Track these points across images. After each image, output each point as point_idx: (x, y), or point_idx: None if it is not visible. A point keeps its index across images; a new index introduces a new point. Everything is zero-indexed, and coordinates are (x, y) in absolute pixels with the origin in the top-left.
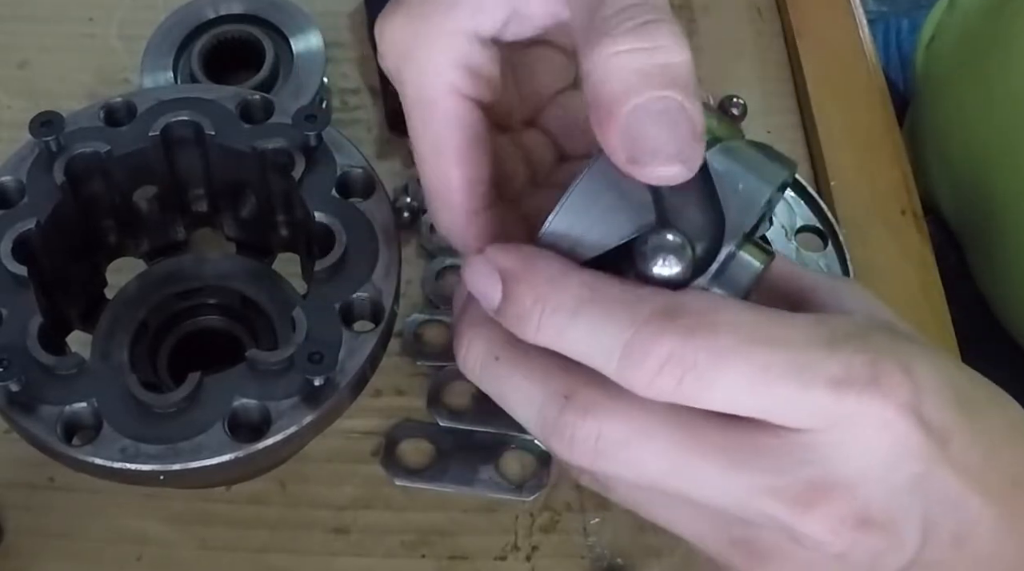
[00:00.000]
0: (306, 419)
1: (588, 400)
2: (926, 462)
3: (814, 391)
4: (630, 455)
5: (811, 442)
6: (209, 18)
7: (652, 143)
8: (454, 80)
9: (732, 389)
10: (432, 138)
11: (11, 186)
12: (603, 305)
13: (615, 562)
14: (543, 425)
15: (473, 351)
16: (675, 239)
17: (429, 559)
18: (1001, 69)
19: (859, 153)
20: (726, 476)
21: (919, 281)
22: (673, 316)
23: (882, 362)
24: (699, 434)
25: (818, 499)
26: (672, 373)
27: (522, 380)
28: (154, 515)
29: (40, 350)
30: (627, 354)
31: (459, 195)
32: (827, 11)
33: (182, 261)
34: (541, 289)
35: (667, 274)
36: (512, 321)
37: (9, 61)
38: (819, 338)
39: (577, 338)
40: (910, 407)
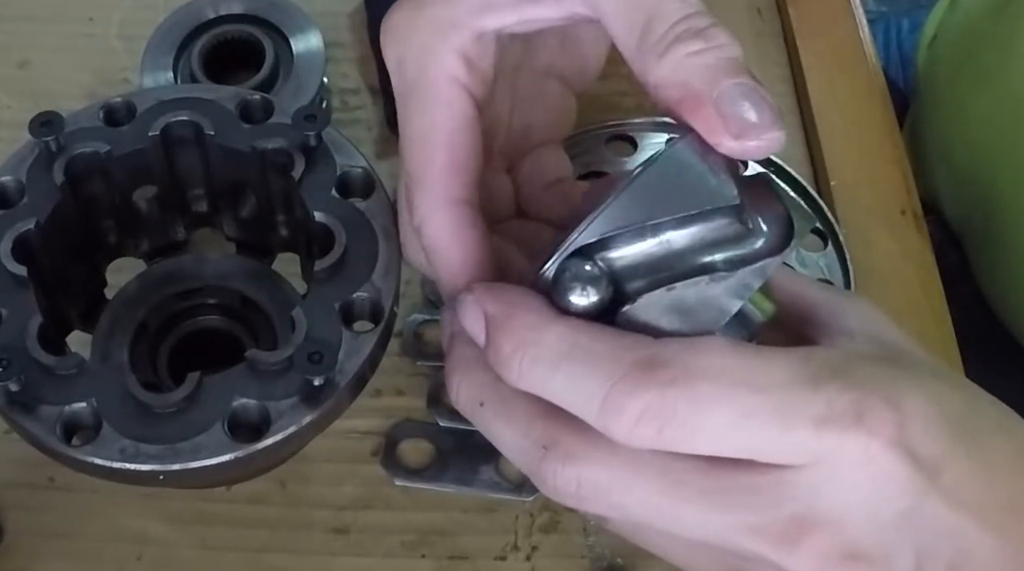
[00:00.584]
0: (306, 419)
1: (567, 449)
2: (915, 495)
3: (796, 431)
4: (612, 500)
5: (794, 479)
6: (209, 18)
7: (750, 117)
8: (453, 67)
9: (714, 435)
10: (423, 121)
11: (11, 186)
12: (581, 358)
13: (615, 562)
14: (528, 469)
15: (461, 395)
16: (592, 270)
17: (429, 559)
18: (1002, 68)
19: (859, 153)
20: (709, 517)
21: (919, 281)
22: (651, 368)
23: (868, 399)
24: (679, 479)
25: (802, 536)
26: (651, 424)
27: (504, 427)
28: (154, 515)
29: (40, 350)
30: (606, 407)
31: (441, 178)
32: (827, 11)
33: (182, 261)
34: (520, 338)
35: (583, 304)
36: (495, 365)
37: (9, 61)
38: (802, 376)
39: (557, 389)
40: (896, 442)
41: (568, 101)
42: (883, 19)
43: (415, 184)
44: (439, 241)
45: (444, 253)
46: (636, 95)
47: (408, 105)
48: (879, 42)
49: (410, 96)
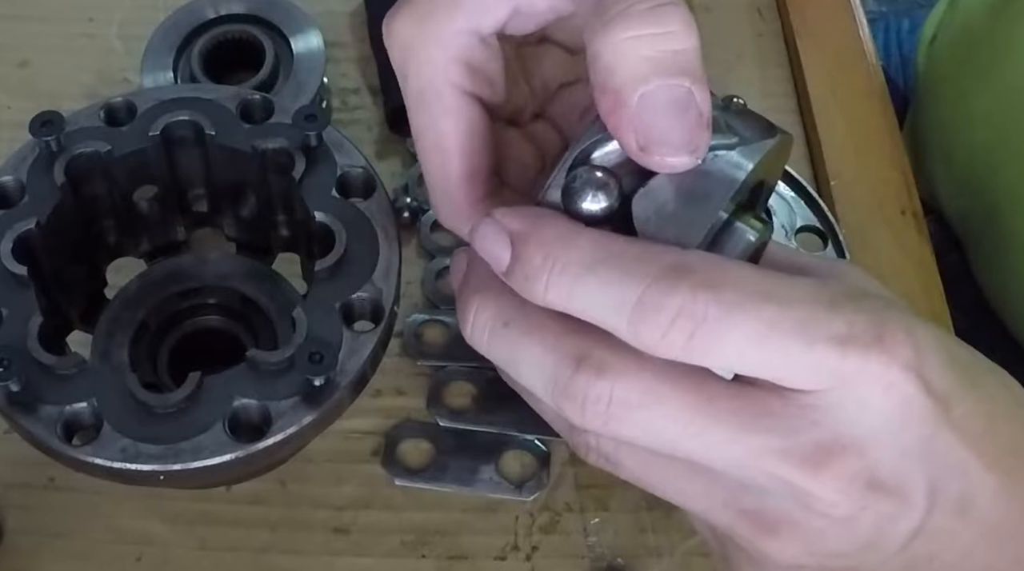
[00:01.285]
0: (306, 419)
1: (600, 361)
2: (931, 425)
3: (819, 347)
4: (642, 417)
5: (819, 403)
6: (209, 18)
7: (662, 133)
8: (454, 76)
9: (740, 345)
10: (434, 132)
11: (11, 186)
12: (613, 262)
13: (615, 562)
14: (555, 389)
15: (481, 317)
16: (603, 176)
17: (429, 559)
18: (1002, 68)
19: (859, 153)
20: (736, 438)
21: (919, 281)
22: (682, 272)
23: (885, 322)
24: (710, 396)
25: (827, 460)
26: (683, 328)
27: (533, 344)
28: (154, 515)
29: (40, 350)
30: (638, 310)
31: (460, 187)
32: (827, 11)
33: (182, 261)
34: (550, 247)
35: (595, 209)
36: (521, 282)
37: (9, 61)
38: (821, 298)
39: (587, 296)
40: (914, 368)
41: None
42: (883, 19)
43: (436, 195)
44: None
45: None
46: None
47: (417, 115)
48: (879, 42)
49: (418, 107)
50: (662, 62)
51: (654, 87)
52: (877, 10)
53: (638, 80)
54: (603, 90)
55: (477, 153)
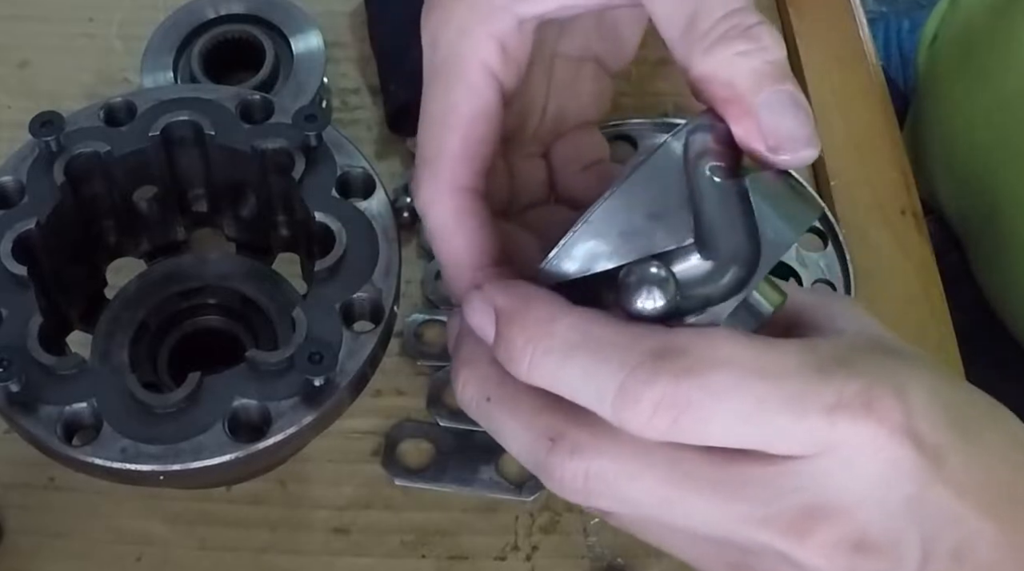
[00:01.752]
0: (306, 419)
1: (574, 442)
2: (921, 482)
3: (808, 420)
4: (620, 493)
5: (803, 469)
6: (209, 18)
7: (788, 131)
8: (487, 53)
9: (728, 424)
10: (444, 102)
11: (11, 186)
12: (594, 349)
13: (615, 562)
14: (534, 464)
15: (468, 391)
16: (659, 272)
17: (429, 559)
18: (1003, 68)
19: (859, 153)
20: (718, 509)
21: (919, 281)
22: (665, 357)
23: (874, 387)
24: (689, 469)
25: (812, 526)
26: (667, 414)
27: (511, 421)
28: (154, 515)
29: (40, 350)
30: (621, 397)
31: (450, 164)
32: (827, 11)
33: (182, 261)
34: (531, 331)
35: (651, 308)
36: (505, 360)
37: (9, 61)
38: (812, 365)
39: (569, 381)
40: (903, 429)
41: (604, 83)
42: (883, 19)
43: (424, 166)
44: (442, 227)
45: (447, 239)
46: (636, 95)
47: (433, 83)
48: (879, 42)
49: (437, 75)
50: (768, 72)
51: (770, 93)
52: (877, 10)
53: (755, 88)
54: (728, 102)
55: (478, 136)
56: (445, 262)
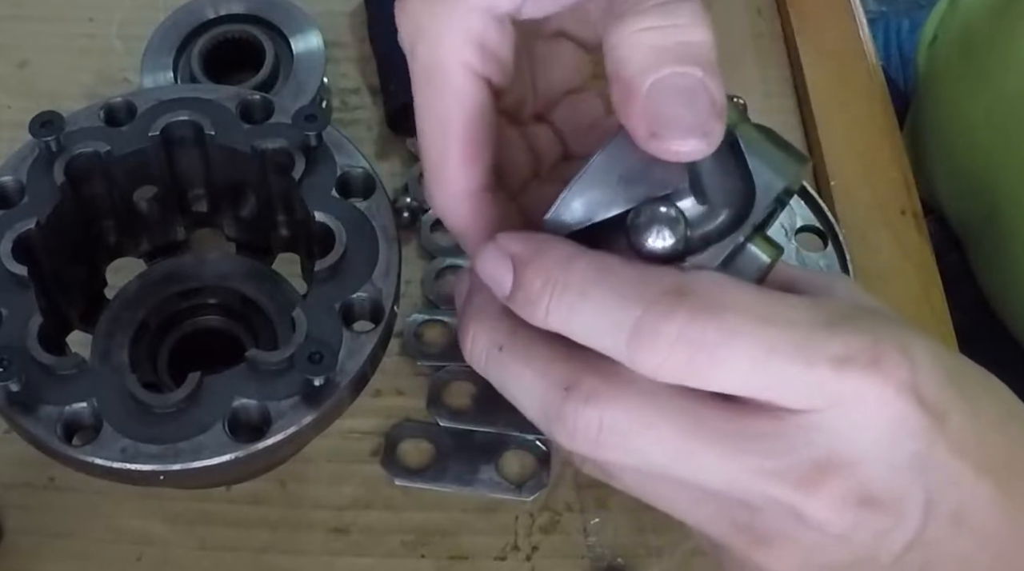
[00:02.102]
0: (306, 419)
1: (589, 389)
2: (925, 440)
3: (817, 369)
4: (632, 443)
5: (812, 423)
6: (209, 18)
7: (671, 118)
8: (466, 56)
9: (740, 367)
10: (437, 112)
11: (11, 186)
12: (612, 285)
13: (615, 562)
14: (545, 414)
15: (478, 342)
16: (668, 211)
17: (429, 559)
18: (1002, 68)
19: (859, 153)
20: (729, 461)
21: (919, 281)
22: (682, 295)
23: (881, 343)
24: (701, 420)
25: (821, 479)
26: (683, 351)
27: (524, 370)
28: (154, 515)
29: (40, 350)
30: (637, 333)
31: (457, 172)
32: (827, 11)
33: (182, 261)
34: (551, 272)
35: (660, 247)
36: (522, 305)
37: (9, 61)
38: (820, 318)
39: (586, 320)
40: (909, 386)
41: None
42: (883, 19)
43: (431, 176)
44: (462, 227)
45: (469, 238)
46: None
47: (422, 93)
48: (879, 42)
49: (424, 84)
50: (672, 51)
51: (664, 75)
52: (877, 10)
53: (649, 69)
54: (615, 80)
55: (479, 140)
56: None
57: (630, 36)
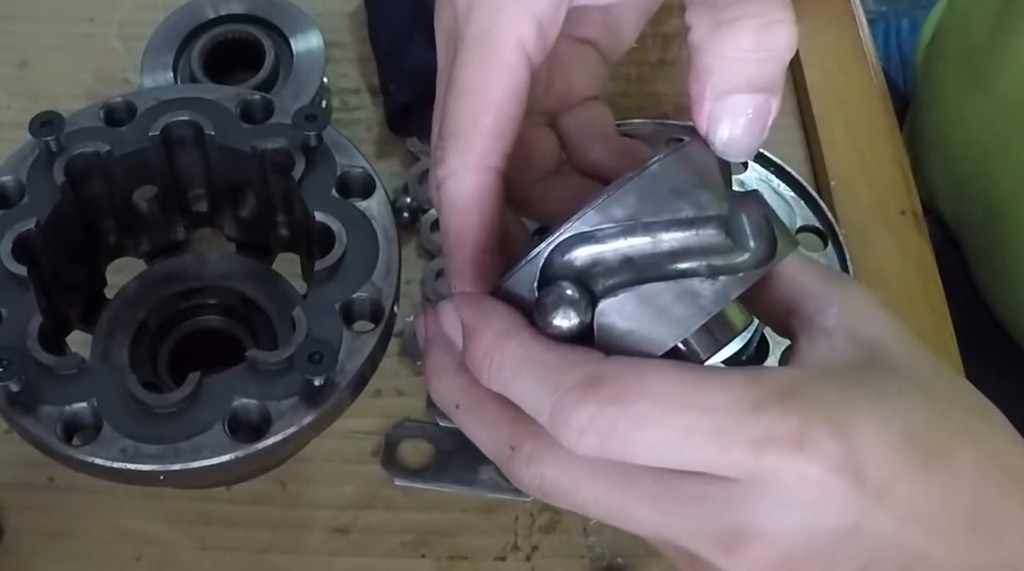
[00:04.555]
0: (306, 419)
1: (531, 452)
2: (855, 515)
3: (732, 453)
4: (571, 499)
5: (735, 492)
6: (209, 18)
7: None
8: (523, 32)
9: (653, 450)
10: (478, 81)
11: (11, 186)
12: (535, 369)
13: (615, 562)
14: (499, 466)
15: (439, 397)
16: (572, 293)
17: (429, 559)
18: (1001, 69)
19: (859, 153)
20: (659, 519)
21: (919, 281)
22: (595, 385)
23: (810, 426)
24: (629, 482)
25: (740, 544)
26: (593, 437)
27: (477, 428)
28: (154, 515)
29: (40, 350)
30: (553, 417)
31: (483, 141)
32: (827, 11)
33: (182, 261)
34: (489, 345)
35: (567, 326)
36: (471, 367)
37: (9, 61)
38: (745, 401)
39: (517, 393)
40: (839, 466)
41: (601, 68)
42: (883, 19)
43: (453, 137)
44: (461, 199)
45: (462, 214)
46: (636, 95)
47: (466, 56)
48: (879, 42)
49: (472, 47)
50: (757, 80)
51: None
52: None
53: (730, 88)
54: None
55: (509, 117)
56: (452, 236)
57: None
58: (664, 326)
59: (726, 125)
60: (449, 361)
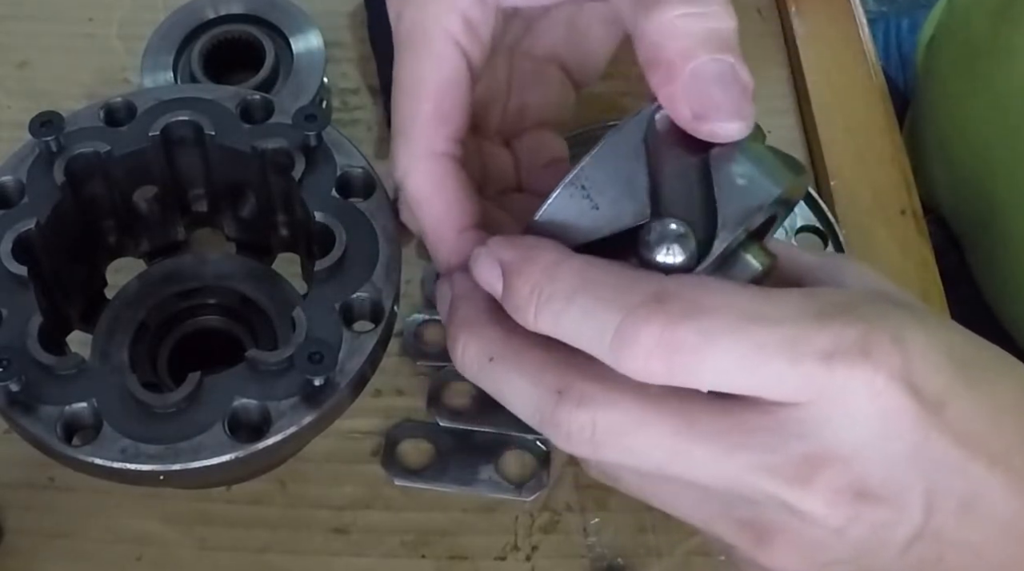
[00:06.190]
0: (306, 419)
1: (581, 393)
2: (921, 431)
3: (804, 364)
4: (627, 444)
5: (804, 417)
6: (209, 18)
7: (714, 102)
8: (451, 24)
9: (723, 368)
10: (414, 73)
11: (11, 186)
12: (594, 292)
13: (615, 562)
14: (541, 420)
15: (469, 352)
16: (678, 228)
17: (429, 559)
18: (1001, 69)
19: (859, 153)
20: (723, 458)
21: (919, 281)
22: (661, 301)
23: (872, 333)
24: (693, 419)
25: (814, 473)
26: (662, 356)
27: (516, 378)
28: (154, 515)
29: (40, 350)
30: (618, 338)
31: (425, 130)
32: (827, 11)
33: (182, 261)
34: (536, 278)
35: (671, 262)
36: (513, 310)
37: (9, 61)
38: (808, 312)
39: (571, 324)
40: (901, 376)
41: (567, 92)
42: (883, 19)
43: (399, 136)
44: (422, 192)
45: (427, 205)
46: (636, 95)
47: (402, 56)
48: (879, 42)
49: (405, 47)
50: (707, 39)
51: (702, 61)
52: (877, 10)
53: (687, 54)
54: (654, 64)
55: (450, 102)
56: (427, 229)
57: (667, 22)
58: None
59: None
60: (480, 314)
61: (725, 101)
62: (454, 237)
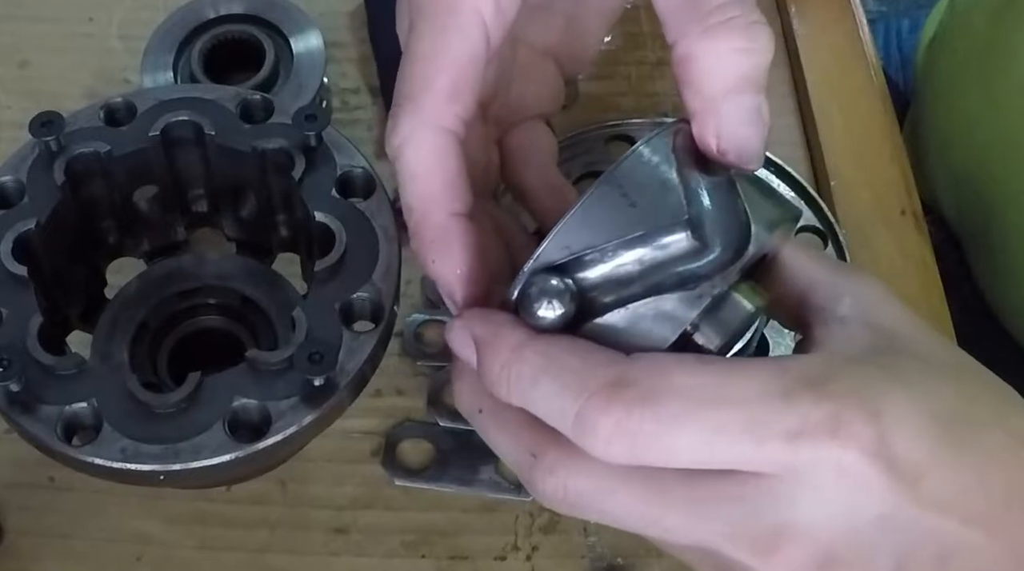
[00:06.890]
0: (306, 419)
1: (553, 459)
2: (892, 502)
3: (768, 445)
4: (598, 508)
5: (771, 488)
6: (209, 18)
7: (743, 142)
8: (482, 3)
9: (685, 451)
10: (434, 42)
11: (11, 186)
12: (556, 376)
13: (615, 562)
14: (520, 476)
15: (463, 400)
16: (558, 283)
17: (429, 559)
18: (1002, 68)
19: (859, 153)
20: (693, 524)
21: (919, 281)
22: (619, 387)
23: (843, 411)
24: (663, 487)
25: (778, 545)
26: (622, 442)
27: (499, 434)
28: (154, 515)
29: (40, 350)
30: (578, 424)
31: (437, 102)
32: (827, 11)
33: (182, 261)
34: (505, 357)
35: (551, 316)
36: (488, 384)
37: (9, 61)
38: (774, 391)
39: (538, 403)
40: (873, 452)
41: (559, 84)
42: (883, 19)
43: (406, 102)
44: (421, 164)
45: (423, 179)
46: (636, 95)
47: (421, 25)
48: (879, 42)
49: (427, 17)
50: (750, 78)
51: (741, 100)
52: (877, 10)
53: (729, 90)
54: (695, 88)
55: (466, 80)
56: (415, 205)
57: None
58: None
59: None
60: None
61: (749, 142)
62: (443, 218)
